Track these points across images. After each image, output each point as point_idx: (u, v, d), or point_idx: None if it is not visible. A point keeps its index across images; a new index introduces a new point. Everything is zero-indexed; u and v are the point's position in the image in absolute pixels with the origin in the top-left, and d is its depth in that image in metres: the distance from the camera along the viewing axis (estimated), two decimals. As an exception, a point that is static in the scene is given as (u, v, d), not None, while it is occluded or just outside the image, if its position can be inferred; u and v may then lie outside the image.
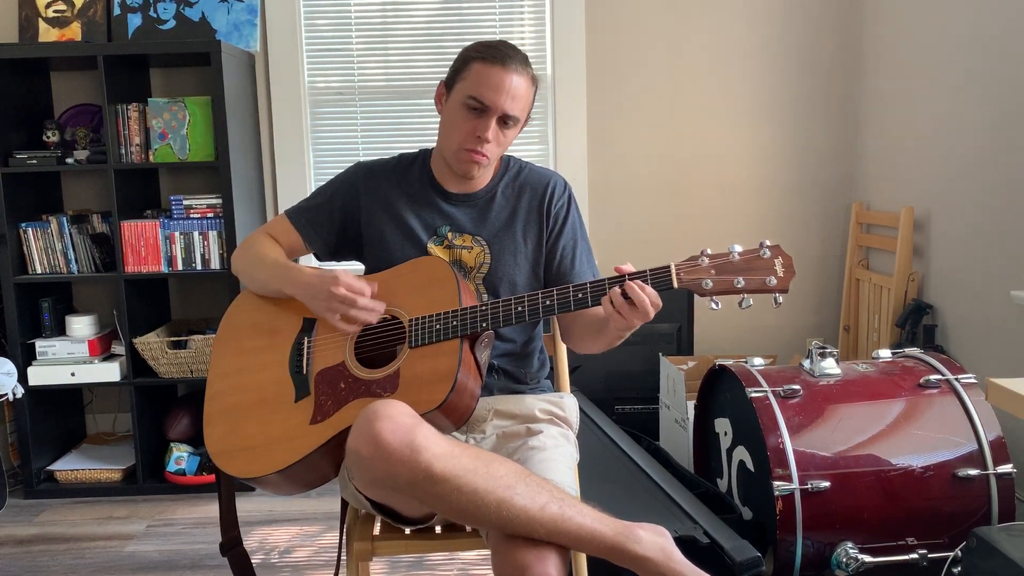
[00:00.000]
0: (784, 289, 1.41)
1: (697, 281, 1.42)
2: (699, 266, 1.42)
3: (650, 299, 1.39)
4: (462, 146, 1.60)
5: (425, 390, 1.42)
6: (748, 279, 1.41)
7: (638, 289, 1.39)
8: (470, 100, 1.57)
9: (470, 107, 1.57)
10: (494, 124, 1.58)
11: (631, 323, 1.41)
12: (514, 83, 1.56)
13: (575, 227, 1.72)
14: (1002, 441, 2.01)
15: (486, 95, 1.56)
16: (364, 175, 1.72)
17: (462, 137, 1.59)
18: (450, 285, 1.53)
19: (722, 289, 1.41)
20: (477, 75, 1.57)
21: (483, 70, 1.56)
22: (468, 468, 1.29)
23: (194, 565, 2.40)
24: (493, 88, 1.55)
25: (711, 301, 1.43)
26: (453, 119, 1.61)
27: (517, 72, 1.57)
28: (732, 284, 1.41)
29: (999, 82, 2.45)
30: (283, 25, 3.16)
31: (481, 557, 2.36)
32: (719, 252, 1.43)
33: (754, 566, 1.81)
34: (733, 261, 1.42)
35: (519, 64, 1.58)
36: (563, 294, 1.46)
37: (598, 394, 3.07)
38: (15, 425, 2.97)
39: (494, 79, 1.56)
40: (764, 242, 1.43)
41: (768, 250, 1.42)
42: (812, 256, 3.36)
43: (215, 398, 1.60)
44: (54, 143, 2.95)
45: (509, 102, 1.56)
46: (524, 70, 1.58)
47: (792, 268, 1.42)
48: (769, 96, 3.27)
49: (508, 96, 1.56)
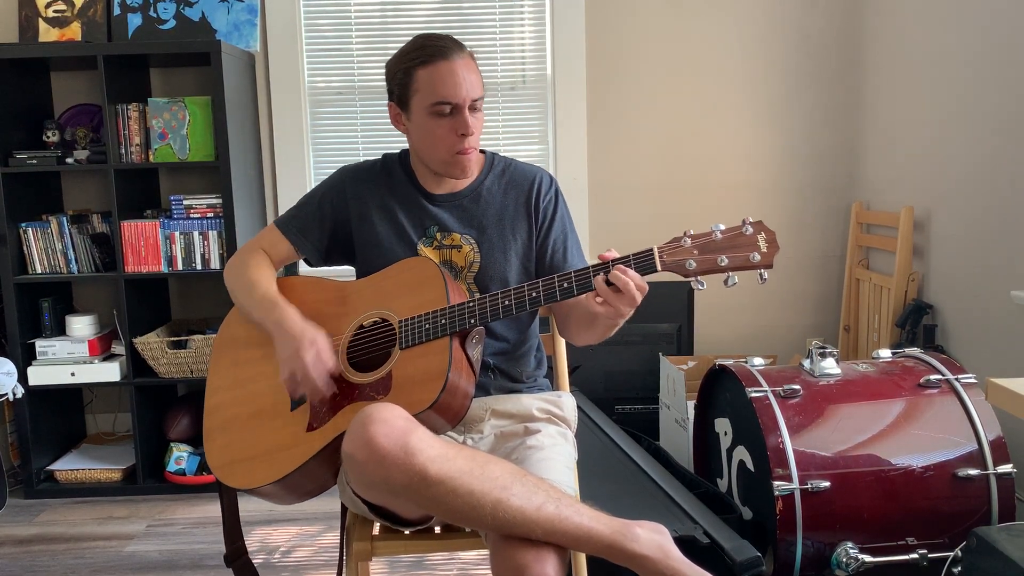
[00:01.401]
0: (768, 264, 1.40)
1: (680, 262, 1.40)
2: (682, 247, 1.41)
3: (634, 282, 1.37)
4: (450, 152, 1.58)
5: (417, 390, 1.42)
6: (732, 256, 1.40)
7: (620, 274, 1.37)
8: (436, 107, 1.54)
9: (439, 113, 1.55)
10: (468, 115, 1.56)
11: (619, 310, 1.39)
12: (465, 69, 1.55)
13: (564, 220, 1.71)
14: (1002, 441, 2.01)
15: (450, 94, 1.54)
16: (350, 179, 1.71)
17: (447, 144, 1.58)
18: (438, 284, 1.52)
19: (706, 268, 1.40)
20: (429, 81, 1.54)
21: (432, 73, 1.54)
22: (463, 470, 1.29)
23: (194, 565, 2.40)
24: (452, 85, 1.53)
25: (696, 282, 1.41)
26: (427, 131, 1.58)
27: (459, 56, 1.55)
28: (716, 263, 1.40)
29: (1000, 82, 2.45)
30: (283, 25, 3.16)
31: (481, 557, 2.36)
32: (701, 232, 1.42)
33: (754, 566, 1.81)
34: (716, 240, 1.41)
35: (454, 48, 1.56)
36: (548, 285, 1.45)
37: (598, 394, 3.07)
38: (15, 425, 2.97)
39: (447, 76, 1.53)
40: (746, 219, 1.42)
41: (750, 226, 1.41)
42: (812, 256, 3.35)
43: (213, 412, 1.61)
44: (54, 143, 2.95)
45: (472, 88, 1.55)
46: (462, 53, 1.56)
47: (775, 243, 1.41)
48: (769, 96, 3.27)
49: (468, 83, 1.54)
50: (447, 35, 1.59)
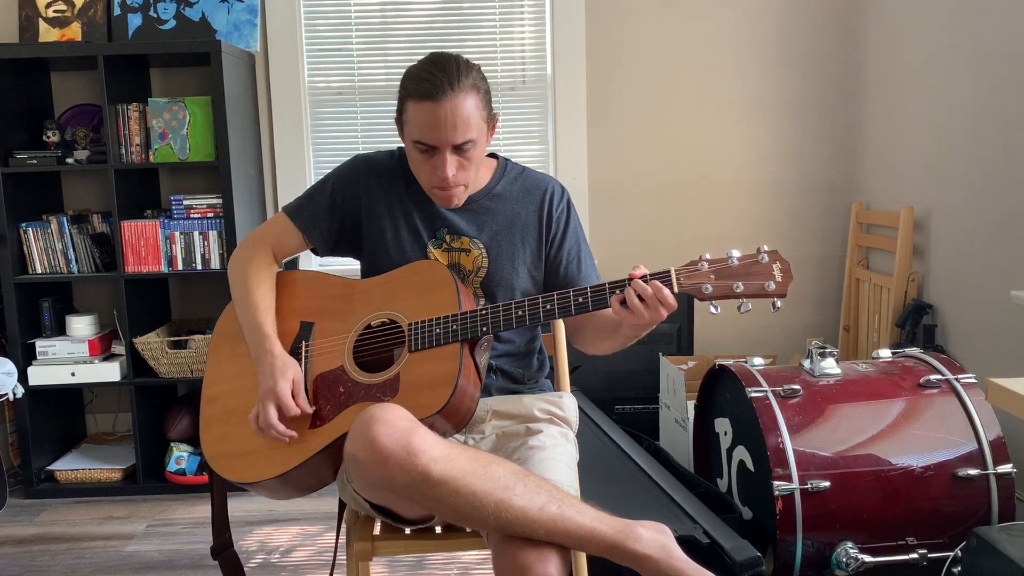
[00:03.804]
0: (782, 294, 1.43)
1: (697, 286, 1.42)
2: (699, 271, 1.43)
3: (656, 293, 1.39)
4: (431, 185, 1.58)
5: (425, 394, 1.42)
6: (747, 284, 1.42)
7: (645, 285, 1.40)
8: (417, 144, 1.53)
9: (420, 150, 1.53)
10: (450, 156, 1.51)
11: (641, 319, 1.41)
12: (452, 113, 1.47)
13: (577, 232, 1.72)
14: (1002, 441, 2.01)
15: (428, 136, 1.49)
16: (364, 170, 1.69)
17: (426, 177, 1.57)
18: (449, 289, 1.52)
19: (722, 294, 1.42)
20: (414, 117, 1.50)
21: (417, 111, 1.49)
22: (466, 470, 1.29)
23: (194, 565, 2.40)
24: (432, 128, 1.48)
25: (711, 305, 1.44)
26: (413, 159, 1.58)
27: (451, 98, 1.47)
28: (731, 289, 1.42)
29: (1000, 82, 2.45)
30: (283, 25, 3.16)
31: (481, 557, 2.36)
32: (718, 257, 1.44)
33: (754, 566, 1.81)
34: (732, 266, 1.43)
35: (451, 87, 1.47)
36: (563, 298, 1.46)
37: (598, 394, 3.07)
38: (15, 425, 2.97)
39: (429, 118, 1.48)
40: (762, 248, 1.44)
41: (766, 255, 1.43)
42: (812, 256, 3.36)
43: (212, 403, 1.60)
44: (54, 143, 2.95)
45: (452, 133, 1.48)
46: (458, 90, 1.47)
47: (790, 273, 1.44)
48: (769, 96, 3.27)
49: (450, 128, 1.48)
50: (454, 61, 1.51)
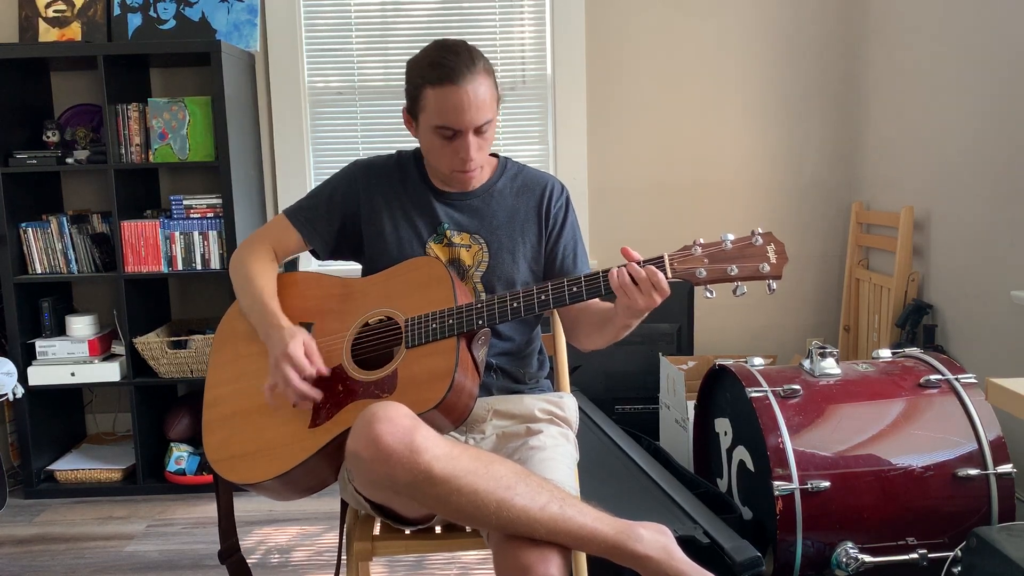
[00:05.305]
0: (777, 275, 1.42)
1: (691, 270, 1.42)
2: (692, 255, 1.43)
3: (649, 276, 1.39)
4: (452, 169, 1.60)
5: (423, 390, 1.42)
6: (741, 266, 1.42)
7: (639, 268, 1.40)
8: (439, 129, 1.55)
9: (442, 135, 1.56)
10: (471, 138, 1.55)
11: (635, 304, 1.41)
12: (473, 95, 1.51)
13: (574, 227, 1.74)
14: (1002, 441, 2.01)
15: (452, 120, 1.53)
16: (363, 173, 1.72)
17: (448, 162, 1.59)
18: (445, 284, 1.53)
19: (716, 277, 1.42)
20: (435, 103, 1.53)
21: (438, 96, 1.52)
22: (468, 469, 1.29)
23: (194, 565, 2.40)
24: (456, 112, 1.52)
25: (705, 290, 1.44)
26: (432, 146, 1.60)
27: (471, 81, 1.51)
28: (725, 272, 1.42)
29: (999, 82, 2.45)
30: (283, 25, 3.16)
31: (481, 557, 2.36)
32: (712, 241, 1.44)
33: (754, 566, 1.81)
34: (726, 249, 1.43)
35: (468, 70, 1.51)
36: (558, 288, 1.47)
37: (598, 394, 3.08)
38: (15, 425, 2.97)
39: (453, 102, 1.51)
40: (756, 230, 1.44)
41: (760, 237, 1.43)
42: (812, 256, 3.36)
43: (213, 406, 1.60)
44: (54, 143, 2.95)
45: (476, 115, 1.52)
46: (475, 72, 1.52)
47: (784, 254, 1.43)
48: (769, 96, 3.27)
49: (473, 110, 1.52)
50: (463, 46, 1.55)
